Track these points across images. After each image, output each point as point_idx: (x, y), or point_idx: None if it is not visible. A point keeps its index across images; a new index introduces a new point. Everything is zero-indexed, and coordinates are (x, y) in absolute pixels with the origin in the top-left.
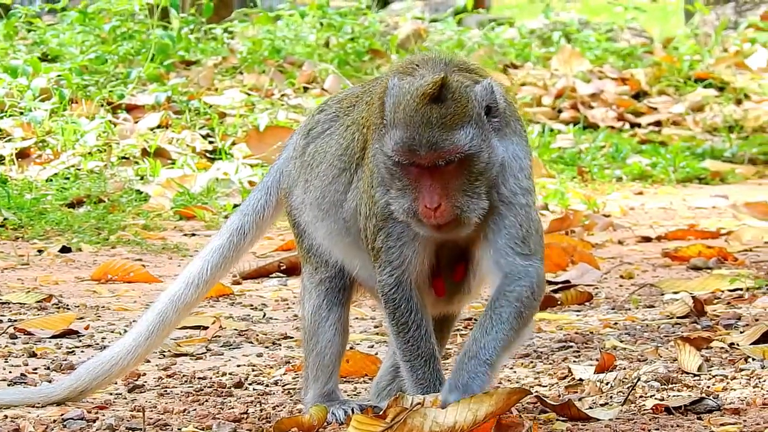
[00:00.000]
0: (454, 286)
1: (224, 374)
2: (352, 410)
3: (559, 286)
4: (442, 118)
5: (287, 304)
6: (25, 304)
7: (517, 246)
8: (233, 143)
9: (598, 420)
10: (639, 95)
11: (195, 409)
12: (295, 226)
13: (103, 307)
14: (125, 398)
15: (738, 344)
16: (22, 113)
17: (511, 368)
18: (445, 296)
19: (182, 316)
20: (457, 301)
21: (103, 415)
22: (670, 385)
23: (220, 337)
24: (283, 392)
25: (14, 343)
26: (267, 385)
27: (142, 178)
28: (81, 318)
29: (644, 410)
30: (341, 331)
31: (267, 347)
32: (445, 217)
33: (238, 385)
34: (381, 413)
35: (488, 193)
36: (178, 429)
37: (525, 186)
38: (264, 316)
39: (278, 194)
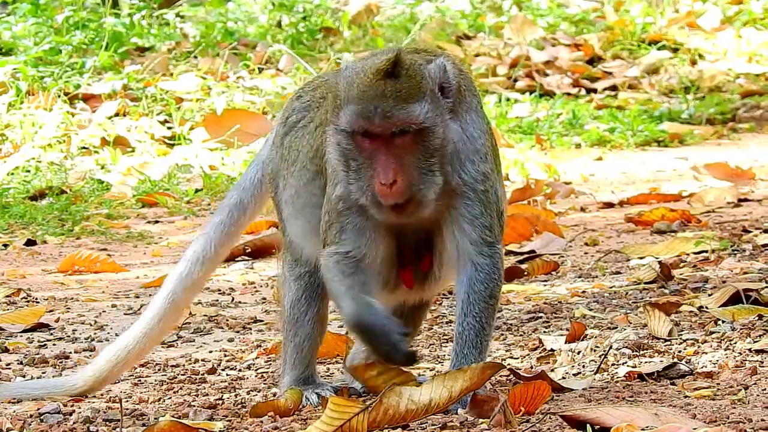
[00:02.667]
0: (423, 275)
1: (197, 361)
2: (327, 393)
3: (525, 256)
4: (397, 92)
5: (255, 287)
6: None
7: (484, 234)
8: (191, 128)
9: (572, 390)
10: (593, 60)
11: (170, 398)
12: (279, 213)
13: (72, 298)
14: (100, 390)
15: (707, 307)
16: None
17: None
18: (414, 286)
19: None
20: (427, 288)
21: (80, 408)
22: (641, 352)
23: (190, 323)
24: (256, 376)
25: None
26: (240, 370)
27: (102, 168)
28: (51, 311)
29: (617, 378)
30: (319, 323)
31: (237, 332)
32: (402, 195)
33: (212, 371)
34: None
35: (443, 172)
36: (155, 418)
37: (483, 170)
38: (232, 300)
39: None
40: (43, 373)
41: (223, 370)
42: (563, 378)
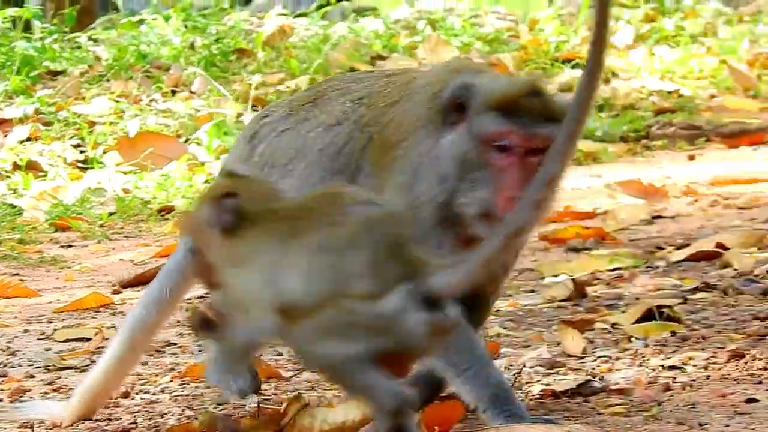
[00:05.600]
0: None
1: None
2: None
3: None
4: (542, 109)
5: None
6: None
7: None
8: (104, 152)
9: None
10: None
11: (83, 422)
12: None
13: None
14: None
15: (620, 324)
16: None
17: None
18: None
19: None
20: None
21: None
22: (555, 370)
23: (103, 348)
24: (170, 400)
25: None
26: (154, 394)
27: (14, 192)
28: None
29: (531, 396)
30: None
31: (151, 355)
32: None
33: (125, 395)
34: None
35: None
36: None
37: None
38: None
39: None
40: None
41: (137, 394)
42: None
